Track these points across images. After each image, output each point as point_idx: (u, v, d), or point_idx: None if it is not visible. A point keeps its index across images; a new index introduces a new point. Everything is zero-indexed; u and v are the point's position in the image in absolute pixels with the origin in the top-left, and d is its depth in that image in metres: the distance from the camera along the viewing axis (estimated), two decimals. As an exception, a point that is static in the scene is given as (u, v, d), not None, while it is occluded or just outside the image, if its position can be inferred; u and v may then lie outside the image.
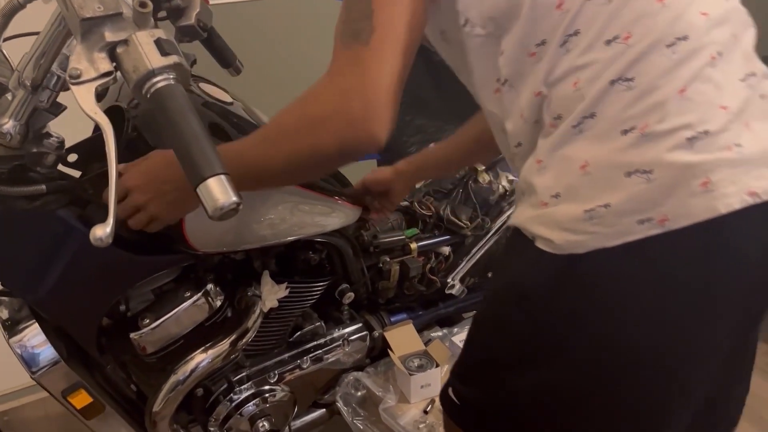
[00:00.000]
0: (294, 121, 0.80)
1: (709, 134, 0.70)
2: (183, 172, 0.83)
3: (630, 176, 0.71)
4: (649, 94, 0.71)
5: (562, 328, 0.78)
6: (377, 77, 0.74)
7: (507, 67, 0.80)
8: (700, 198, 0.69)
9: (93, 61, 0.67)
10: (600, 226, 0.72)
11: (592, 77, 0.73)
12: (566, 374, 0.79)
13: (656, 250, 0.71)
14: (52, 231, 0.96)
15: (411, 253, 1.46)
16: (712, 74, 0.72)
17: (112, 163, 0.64)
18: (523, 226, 0.81)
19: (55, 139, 0.92)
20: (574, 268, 0.74)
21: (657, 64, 0.71)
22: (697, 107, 0.70)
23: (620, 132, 0.72)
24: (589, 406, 0.80)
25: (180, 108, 0.65)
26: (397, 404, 1.38)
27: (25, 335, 1.05)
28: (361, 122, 0.74)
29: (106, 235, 0.62)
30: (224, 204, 0.62)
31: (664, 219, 0.70)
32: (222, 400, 1.26)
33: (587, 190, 0.73)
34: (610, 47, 0.73)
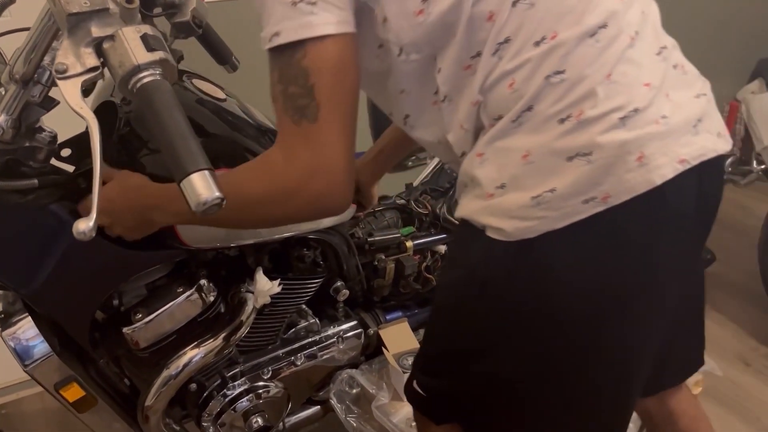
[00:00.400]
0: (258, 193, 0.83)
1: (638, 111, 0.75)
2: (141, 199, 0.88)
3: (571, 160, 0.75)
4: (580, 83, 0.75)
5: (521, 311, 0.81)
6: (333, 153, 0.77)
7: (445, 84, 0.83)
8: (637, 172, 0.74)
9: (79, 56, 0.67)
10: (548, 210, 0.76)
11: (527, 76, 0.77)
12: (529, 356, 0.83)
13: (602, 225, 0.76)
14: (45, 225, 0.96)
15: (407, 252, 1.46)
16: (632, 55, 0.77)
17: (97, 158, 0.65)
18: (471, 218, 0.84)
19: (48, 133, 0.93)
20: (527, 252, 0.78)
21: (584, 54, 0.76)
22: (624, 89, 0.76)
23: (557, 121, 0.76)
24: (554, 385, 0.84)
25: (165, 103, 0.65)
26: (390, 402, 1.38)
27: (18, 328, 1.05)
28: (326, 198, 0.80)
29: (88, 228, 0.62)
30: (207, 199, 0.62)
31: (606, 196, 0.75)
32: (215, 396, 1.26)
33: (532, 178, 0.77)
34: (539, 48, 0.76)
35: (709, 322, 2.12)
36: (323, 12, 0.74)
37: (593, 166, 0.74)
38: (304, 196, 0.80)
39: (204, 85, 1.13)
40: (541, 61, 0.76)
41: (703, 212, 0.84)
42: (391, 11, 0.80)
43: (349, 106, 0.79)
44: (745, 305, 2.24)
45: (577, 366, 0.83)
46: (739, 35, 3.06)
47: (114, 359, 1.20)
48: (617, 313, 0.80)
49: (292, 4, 0.74)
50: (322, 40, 0.75)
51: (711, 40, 2.97)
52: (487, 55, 0.78)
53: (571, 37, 0.76)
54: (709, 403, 1.77)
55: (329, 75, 0.76)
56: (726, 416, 1.78)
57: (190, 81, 1.12)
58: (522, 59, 0.77)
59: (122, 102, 1.05)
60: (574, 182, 0.75)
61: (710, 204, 0.86)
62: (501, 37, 0.77)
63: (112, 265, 1.04)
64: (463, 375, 0.90)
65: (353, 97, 0.79)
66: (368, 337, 1.45)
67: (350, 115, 0.79)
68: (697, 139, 0.79)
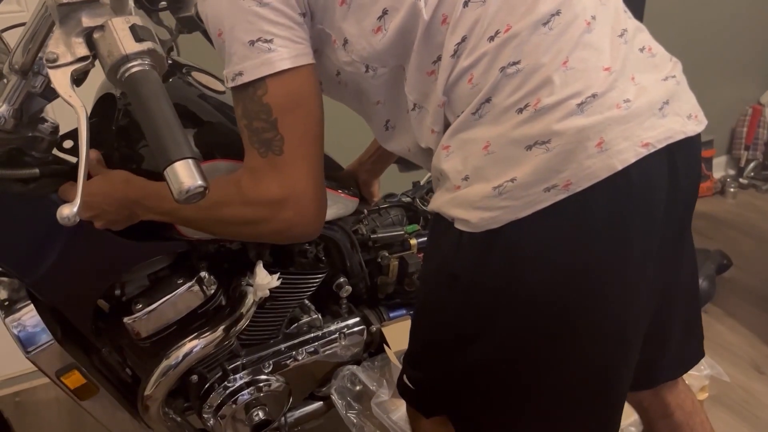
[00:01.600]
0: (228, 216, 0.88)
1: (596, 97, 0.75)
2: (124, 191, 0.91)
3: (530, 149, 0.75)
4: (537, 72, 0.75)
5: (492, 301, 0.82)
6: (301, 183, 0.81)
7: (412, 92, 0.85)
8: (597, 158, 0.74)
9: (70, 46, 0.69)
10: (509, 199, 0.76)
11: (485, 69, 0.77)
12: (505, 345, 0.83)
13: (565, 213, 0.76)
14: (47, 214, 0.98)
15: (411, 249, 1.46)
16: (590, 39, 0.77)
17: (83, 145, 0.66)
18: (440, 210, 0.85)
19: (50, 124, 0.95)
20: (493, 243, 0.78)
21: (538, 43, 0.76)
22: (581, 74, 0.75)
23: (515, 111, 0.76)
24: (534, 373, 0.85)
25: (152, 93, 0.66)
26: (390, 399, 1.38)
27: (21, 315, 1.07)
28: (296, 227, 0.84)
29: (72, 214, 0.64)
30: (190, 187, 0.63)
31: (567, 183, 0.74)
32: (216, 388, 1.27)
33: (492, 168, 0.77)
34: (493, 42, 0.77)
35: (722, 327, 2.12)
36: (280, 48, 0.78)
37: (552, 153, 0.74)
38: (274, 224, 0.84)
39: (204, 78, 1.14)
40: (497, 54, 0.76)
41: (678, 195, 0.83)
42: (350, 32, 0.82)
43: (313, 135, 0.82)
44: (760, 312, 2.20)
45: (555, 353, 0.83)
46: (763, 38, 3.01)
47: (116, 348, 1.22)
48: (590, 298, 0.80)
49: (250, 44, 0.77)
50: (281, 74, 0.78)
51: (734, 43, 2.92)
52: (447, 56, 0.79)
53: (524, 27, 0.76)
54: (718, 409, 1.75)
55: (291, 108, 0.79)
56: (735, 423, 1.74)
57: (189, 74, 1.13)
58: (478, 54, 0.77)
59: (122, 95, 1.07)
60: (533, 171, 0.75)
61: (685, 187, 0.84)
62: (458, 37, 0.78)
63: (113, 255, 1.06)
64: (445, 367, 0.91)
65: (316, 125, 0.83)
66: (371, 334, 1.45)
67: (315, 144, 0.83)
68: (663, 121, 0.78)
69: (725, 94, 3.00)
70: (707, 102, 0.89)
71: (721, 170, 3.23)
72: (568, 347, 0.82)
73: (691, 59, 1.15)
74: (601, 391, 0.87)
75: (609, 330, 0.83)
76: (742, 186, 3.12)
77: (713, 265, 2.23)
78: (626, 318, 0.84)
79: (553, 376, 0.84)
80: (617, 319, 0.83)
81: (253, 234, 0.93)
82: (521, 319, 0.81)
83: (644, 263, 0.82)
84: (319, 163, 0.84)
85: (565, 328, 0.81)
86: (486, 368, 0.87)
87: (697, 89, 0.88)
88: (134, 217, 0.97)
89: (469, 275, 0.82)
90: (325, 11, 0.82)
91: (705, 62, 2.83)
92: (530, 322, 0.81)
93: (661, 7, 2.57)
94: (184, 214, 0.91)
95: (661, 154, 0.77)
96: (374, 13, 0.80)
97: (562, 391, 0.86)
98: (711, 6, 2.77)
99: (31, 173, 0.95)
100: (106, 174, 0.98)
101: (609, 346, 0.84)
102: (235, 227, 0.92)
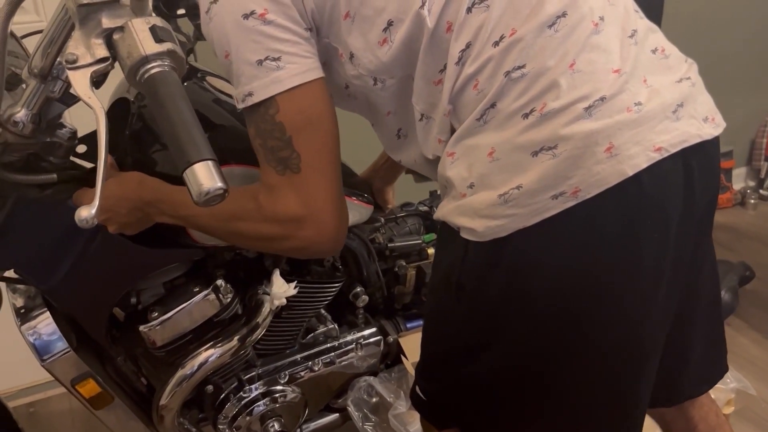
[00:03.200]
0: (245, 231, 0.87)
1: (605, 100, 0.72)
2: (138, 193, 0.90)
3: (536, 155, 0.73)
4: (542, 76, 0.73)
5: (498, 310, 0.79)
6: (320, 201, 0.81)
7: (419, 102, 0.84)
8: (606, 164, 0.71)
9: (90, 47, 0.68)
10: (516, 207, 0.74)
11: (490, 75, 0.75)
12: (513, 356, 0.81)
13: (574, 221, 0.73)
14: (63, 220, 0.98)
15: (428, 259, 1.44)
16: (598, 41, 0.75)
17: (102, 146, 0.65)
18: (446, 219, 0.83)
19: (68, 129, 0.94)
20: (500, 252, 0.76)
21: (544, 46, 0.74)
22: (589, 77, 0.73)
23: (521, 116, 0.74)
24: (544, 385, 0.82)
25: (171, 94, 0.65)
26: (408, 411, 1.35)
27: (37, 323, 1.07)
28: (315, 245, 0.83)
29: (90, 216, 0.62)
30: (209, 189, 0.62)
31: (576, 190, 0.72)
32: (231, 399, 1.26)
33: (498, 175, 0.75)
34: (498, 46, 0.75)
35: (745, 340, 2.07)
36: (289, 65, 0.77)
37: (558, 159, 0.72)
38: (293, 242, 0.83)
39: (219, 83, 1.14)
40: (502, 59, 0.75)
41: (696, 201, 0.79)
42: (356, 46, 0.81)
43: (329, 150, 0.81)
44: (784, 325, 2.16)
45: (564, 364, 0.80)
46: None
47: (131, 357, 1.21)
48: (601, 308, 0.77)
49: (258, 63, 0.77)
50: (292, 91, 0.77)
51: (754, 53, 2.90)
52: (451, 64, 0.78)
53: (529, 30, 0.74)
54: (743, 423, 1.70)
55: (304, 125, 0.79)
56: (761, 439, 1.70)
57: (205, 78, 1.13)
58: (483, 60, 0.76)
59: (135, 98, 1.06)
60: (540, 177, 0.72)
61: (703, 192, 0.81)
62: (462, 44, 0.77)
63: (129, 262, 1.05)
64: (455, 377, 0.89)
65: (332, 139, 0.82)
66: (388, 344, 1.43)
67: (332, 158, 0.82)
68: (677, 125, 0.75)
69: (745, 105, 2.97)
70: (726, 112, 0.86)
71: (741, 182, 3.19)
72: (579, 359, 0.80)
73: (710, 68, 1.13)
74: (615, 403, 0.84)
75: (621, 340, 0.80)
76: (763, 197, 3.08)
77: (736, 276, 2.18)
78: (640, 328, 0.80)
79: (564, 387, 0.82)
80: (630, 330, 0.80)
81: (271, 249, 0.92)
82: (529, 330, 0.79)
83: (658, 273, 0.78)
84: (337, 178, 0.83)
85: (575, 340, 0.78)
86: (494, 379, 0.85)
87: (716, 99, 0.85)
88: (147, 220, 0.96)
89: (476, 285, 0.80)
90: (330, 25, 0.81)
91: (724, 72, 2.80)
92: (539, 333, 0.78)
93: (680, 16, 2.55)
94: (200, 221, 0.91)
95: (675, 159, 0.74)
96: (379, 25, 0.79)
97: (573, 402, 0.83)
98: (731, 14, 2.75)
99: (49, 179, 0.95)
100: (118, 176, 0.97)
101: (622, 357, 0.81)
102: (252, 241, 0.91)
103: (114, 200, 0.93)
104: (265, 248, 0.93)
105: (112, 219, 0.95)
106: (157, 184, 0.94)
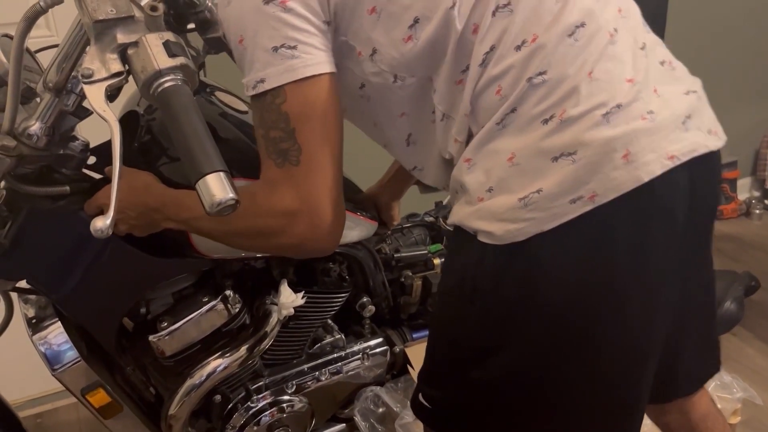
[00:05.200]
0: (241, 227, 0.86)
1: (621, 107, 0.74)
2: (146, 197, 0.91)
3: (556, 160, 0.75)
4: (563, 83, 0.75)
5: (512, 313, 0.81)
6: (317, 196, 0.80)
7: (441, 102, 0.84)
8: (623, 170, 0.73)
9: (105, 62, 0.70)
10: (535, 211, 0.75)
11: (513, 81, 0.77)
12: (525, 358, 0.82)
13: (589, 225, 0.75)
14: (75, 231, 0.99)
15: (434, 269, 1.45)
16: (613, 51, 0.77)
17: (116, 159, 0.67)
18: (462, 223, 0.83)
19: (81, 142, 0.96)
20: (517, 256, 0.77)
21: (564, 54, 0.76)
22: (606, 85, 0.75)
23: (541, 122, 0.76)
24: (553, 392, 0.83)
25: (184, 107, 0.67)
26: (414, 421, 1.36)
27: (48, 333, 1.08)
28: (309, 241, 0.82)
29: (105, 226, 0.64)
30: (221, 200, 0.63)
31: (593, 195, 0.74)
32: (239, 408, 1.26)
33: (518, 179, 0.77)
34: (520, 51, 0.76)
35: (752, 350, 2.07)
36: (303, 54, 0.77)
37: (578, 165, 0.74)
38: (287, 237, 0.82)
39: (227, 98, 1.15)
40: (525, 65, 0.76)
41: (698, 211, 0.82)
42: (379, 42, 0.82)
43: (331, 146, 0.81)
44: (790, 335, 2.15)
45: (574, 369, 0.82)
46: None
47: (140, 367, 1.22)
48: (612, 313, 0.79)
49: (274, 50, 0.77)
50: (302, 82, 0.77)
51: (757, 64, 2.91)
52: (475, 65, 0.79)
53: (550, 38, 0.76)
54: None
55: (309, 117, 0.78)
56: (768, 450, 1.70)
57: (213, 93, 1.15)
58: (506, 65, 0.77)
59: (145, 111, 1.08)
60: (560, 182, 0.74)
61: (705, 203, 0.84)
62: (486, 47, 0.78)
63: (138, 272, 1.06)
64: (462, 384, 0.89)
65: (335, 135, 0.81)
66: (394, 354, 1.43)
67: (333, 155, 0.81)
68: (687, 135, 0.78)
69: (749, 116, 2.98)
70: (730, 123, 0.89)
71: (746, 192, 3.18)
72: (588, 363, 0.81)
73: (714, 80, 1.14)
74: (620, 406, 0.86)
75: (629, 345, 0.82)
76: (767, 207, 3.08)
77: (741, 287, 2.18)
78: (645, 333, 0.83)
79: (572, 393, 0.83)
80: (637, 334, 0.82)
81: (267, 247, 0.90)
82: (541, 333, 0.80)
83: (664, 278, 0.81)
84: (337, 175, 0.83)
85: (585, 343, 0.80)
86: (503, 384, 0.85)
87: (720, 110, 0.88)
88: (155, 224, 0.96)
89: (492, 287, 0.81)
90: (351, 21, 0.81)
91: (728, 83, 2.81)
92: (550, 337, 0.80)
93: (683, 27, 2.57)
94: (199, 224, 0.91)
95: (682, 168, 0.77)
96: (405, 21, 0.80)
97: (581, 407, 0.84)
98: (734, 26, 2.76)
99: (61, 190, 0.96)
100: (129, 178, 0.97)
101: (628, 361, 0.83)
102: (249, 240, 0.90)
103: (123, 204, 0.93)
104: (262, 247, 0.92)
105: (123, 220, 0.96)
106: (161, 189, 0.95)
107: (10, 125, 0.85)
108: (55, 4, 0.76)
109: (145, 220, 0.95)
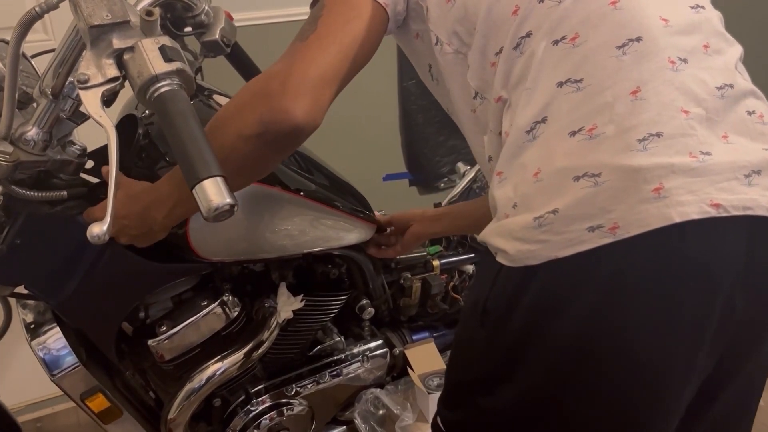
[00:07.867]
0: (223, 113, 0.83)
1: (662, 136, 0.67)
2: (143, 200, 0.89)
3: (578, 180, 0.68)
4: (598, 95, 0.69)
5: (518, 345, 0.75)
6: (302, 66, 0.77)
7: (474, 79, 0.83)
8: (652, 204, 0.65)
9: (101, 67, 0.69)
10: (549, 233, 0.69)
11: (544, 78, 0.73)
12: (528, 393, 0.77)
13: (608, 260, 0.67)
14: (73, 236, 0.99)
15: (433, 271, 1.45)
16: (672, 78, 0.69)
17: (113, 164, 0.66)
18: (486, 240, 0.80)
19: (78, 147, 0.96)
20: (530, 281, 0.72)
21: (606, 64, 0.70)
22: (650, 108, 0.68)
23: (568, 134, 0.70)
24: (561, 416, 0.77)
25: (180, 112, 0.66)
26: (414, 423, 1.36)
27: (47, 338, 1.08)
28: (276, 97, 0.75)
29: (102, 232, 0.64)
30: (218, 205, 0.63)
31: (614, 227, 0.66)
32: (239, 412, 1.26)
33: (539, 197, 0.71)
34: (557, 47, 0.72)
35: None
36: None
37: (600, 188, 0.66)
38: (256, 101, 0.78)
39: (224, 101, 1.15)
40: (558, 63, 0.72)
41: (756, 290, 0.69)
42: (431, 1, 0.85)
43: (343, 43, 0.80)
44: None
45: (579, 410, 0.75)
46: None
47: (139, 371, 1.22)
48: (621, 360, 0.70)
49: None
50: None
51: None
52: (509, 48, 0.76)
53: (592, 42, 0.70)
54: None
55: (339, 13, 0.80)
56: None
57: (210, 97, 1.15)
58: (539, 58, 0.73)
59: (142, 116, 1.08)
60: (577, 203, 0.67)
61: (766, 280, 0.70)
62: (523, 32, 0.75)
63: (137, 276, 1.06)
64: (474, 408, 0.84)
65: (353, 43, 0.80)
66: (394, 356, 1.44)
67: (341, 49, 0.79)
68: (746, 189, 0.66)
69: None
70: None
71: None
72: (594, 408, 0.74)
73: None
74: None
75: (640, 391, 0.72)
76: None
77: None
78: (662, 384, 0.72)
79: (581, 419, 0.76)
80: (650, 384, 0.71)
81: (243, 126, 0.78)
82: (547, 370, 0.74)
83: (693, 342, 0.69)
84: (335, 73, 0.79)
85: (592, 387, 0.73)
86: (511, 416, 0.80)
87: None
88: (154, 231, 0.94)
89: (500, 314, 0.76)
90: None
91: None
92: (557, 372, 0.73)
93: None
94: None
95: (738, 224, 0.65)
96: None
97: None
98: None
99: (59, 195, 0.96)
100: (126, 188, 0.95)
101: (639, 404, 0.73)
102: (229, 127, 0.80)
103: (120, 213, 0.92)
104: (237, 131, 0.79)
105: (123, 231, 0.95)
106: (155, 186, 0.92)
107: (7, 130, 0.85)
108: (50, 9, 0.75)
109: (145, 226, 0.93)
